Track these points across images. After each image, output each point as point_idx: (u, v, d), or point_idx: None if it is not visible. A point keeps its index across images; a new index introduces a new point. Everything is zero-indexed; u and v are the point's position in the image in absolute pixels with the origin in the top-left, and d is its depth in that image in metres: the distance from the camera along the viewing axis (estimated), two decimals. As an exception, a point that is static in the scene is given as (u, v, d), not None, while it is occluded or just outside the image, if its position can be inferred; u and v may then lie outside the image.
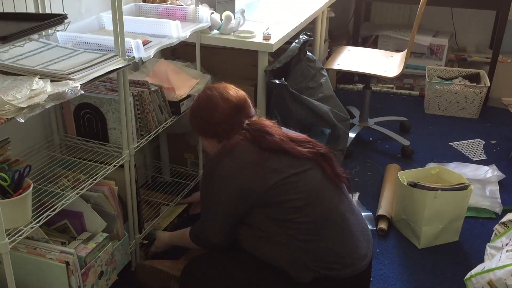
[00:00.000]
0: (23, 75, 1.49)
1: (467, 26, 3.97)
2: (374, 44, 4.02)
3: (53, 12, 1.77)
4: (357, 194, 2.64)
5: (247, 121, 1.74)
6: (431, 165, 2.81)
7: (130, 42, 1.77)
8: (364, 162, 2.98)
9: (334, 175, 1.72)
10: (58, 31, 1.64)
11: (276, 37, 2.31)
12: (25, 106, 1.33)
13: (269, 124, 1.74)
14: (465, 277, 1.94)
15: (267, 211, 1.64)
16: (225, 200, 1.66)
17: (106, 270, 1.85)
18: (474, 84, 3.54)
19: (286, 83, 2.33)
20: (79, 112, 1.96)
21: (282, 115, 2.43)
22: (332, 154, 1.76)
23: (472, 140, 3.24)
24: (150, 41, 1.96)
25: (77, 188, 1.72)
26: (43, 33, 1.73)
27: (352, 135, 3.03)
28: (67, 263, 1.66)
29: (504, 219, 2.20)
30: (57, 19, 1.59)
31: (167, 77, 2.22)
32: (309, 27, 2.89)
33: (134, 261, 2.10)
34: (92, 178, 1.76)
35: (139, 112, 1.97)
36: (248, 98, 1.80)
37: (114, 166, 1.85)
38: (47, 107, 1.39)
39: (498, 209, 2.52)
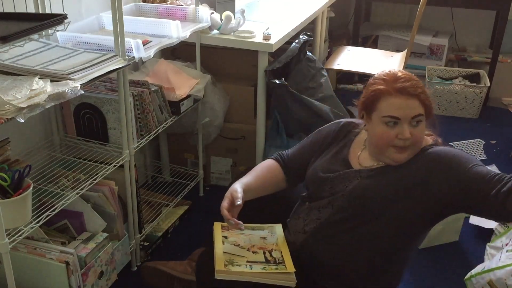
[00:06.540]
0: (23, 75, 1.49)
1: (467, 26, 3.97)
2: (374, 44, 4.02)
3: (53, 12, 1.77)
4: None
5: None
6: (431, 165, 2.81)
7: (130, 42, 1.77)
8: (364, 162, 2.97)
9: None
10: (58, 31, 1.64)
11: (276, 37, 2.30)
12: (25, 106, 1.33)
13: None
14: (465, 277, 1.94)
15: None
16: None
17: (106, 270, 1.85)
18: (474, 84, 3.54)
19: (286, 83, 2.33)
20: (79, 112, 1.96)
21: (282, 115, 2.42)
22: None
23: (472, 140, 3.24)
24: (150, 41, 1.96)
25: (77, 188, 1.72)
26: (43, 33, 1.73)
27: (352, 135, 3.02)
28: (67, 263, 1.66)
29: (504, 219, 2.20)
30: (57, 19, 1.59)
31: (167, 77, 2.22)
32: (309, 27, 2.89)
33: (134, 261, 2.10)
34: (92, 178, 1.76)
35: (139, 112, 1.97)
36: None
37: (114, 166, 1.85)
38: (47, 107, 1.39)
39: (498, 209, 2.52)
